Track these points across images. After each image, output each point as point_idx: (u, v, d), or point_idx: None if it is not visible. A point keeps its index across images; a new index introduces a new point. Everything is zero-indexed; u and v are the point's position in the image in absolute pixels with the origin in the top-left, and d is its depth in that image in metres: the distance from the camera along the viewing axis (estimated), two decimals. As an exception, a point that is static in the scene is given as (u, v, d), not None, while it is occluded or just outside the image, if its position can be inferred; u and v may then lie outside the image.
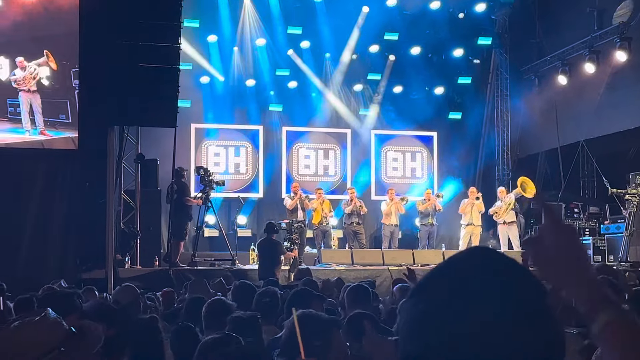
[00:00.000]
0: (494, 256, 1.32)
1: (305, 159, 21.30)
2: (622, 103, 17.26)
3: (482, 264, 1.28)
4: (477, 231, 17.94)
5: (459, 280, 1.25)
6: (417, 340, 1.23)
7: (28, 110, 14.54)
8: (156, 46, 12.68)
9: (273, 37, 20.45)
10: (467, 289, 1.23)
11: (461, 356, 1.18)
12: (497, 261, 1.31)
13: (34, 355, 2.83)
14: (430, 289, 1.28)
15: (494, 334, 1.19)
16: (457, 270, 1.28)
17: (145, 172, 16.03)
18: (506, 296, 1.22)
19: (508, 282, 1.25)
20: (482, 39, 21.70)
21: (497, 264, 1.29)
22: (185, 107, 17.19)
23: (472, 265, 1.28)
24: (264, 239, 14.14)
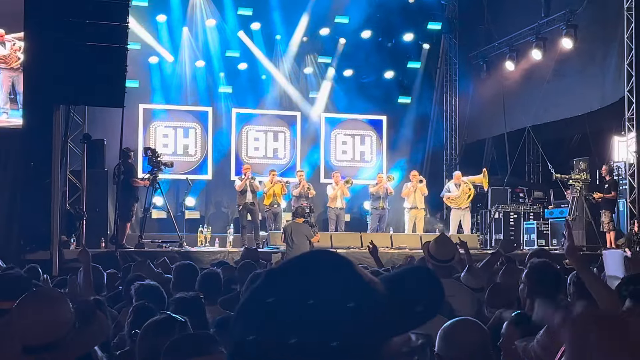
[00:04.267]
0: (329, 258, 1.28)
1: (255, 141, 21.24)
2: (568, 90, 17.53)
3: (316, 265, 1.25)
4: (421, 214, 18.09)
5: (296, 277, 1.23)
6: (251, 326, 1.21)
7: (9, 90, 14.15)
8: (104, 25, 12.49)
9: (223, 18, 20.31)
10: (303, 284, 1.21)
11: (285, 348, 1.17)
12: (329, 262, 1.26)
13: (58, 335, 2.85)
14: (277, 279, 1.26)
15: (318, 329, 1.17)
16: (297, 268, 1.26)
17: (91, 153, 15.83)
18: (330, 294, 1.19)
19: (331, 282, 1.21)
20: (432, 23, 21.84)
21: (328, 264, 1.26)
22: (133, 87, 17.00)
23: (309, 264, 1.26)
24: (294, 223, 14.22)
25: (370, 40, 21.36)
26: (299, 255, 1.29)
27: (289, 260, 1.28)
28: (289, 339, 1.16)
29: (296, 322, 1.17)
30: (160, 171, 15.47)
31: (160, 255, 11.20)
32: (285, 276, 1.24)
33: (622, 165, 16.81)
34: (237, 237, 16.82)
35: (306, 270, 1.24)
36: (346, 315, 1.17)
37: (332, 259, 1.27)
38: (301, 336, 1.16)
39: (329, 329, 1.16)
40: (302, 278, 1.22)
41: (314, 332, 1.16)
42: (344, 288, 1.20)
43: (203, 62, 20.35)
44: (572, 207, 16.43)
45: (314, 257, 1.28)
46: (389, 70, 21.81)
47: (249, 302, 1.24)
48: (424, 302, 1.25)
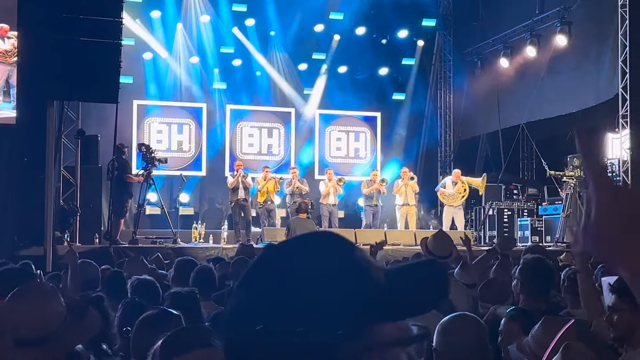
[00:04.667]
0: (328, 238, 1.28)
1: (249, 137, 21.22)
2: (562, 87, 17.55)
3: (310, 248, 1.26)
4: (413, 211, 18.08)
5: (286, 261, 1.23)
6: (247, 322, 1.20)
7: (2, 83, 14.10)
8: (97, 20, 12.46)
9: (218, 14, 20.29)
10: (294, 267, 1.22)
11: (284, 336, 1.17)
12: (329, 242, 1.27)
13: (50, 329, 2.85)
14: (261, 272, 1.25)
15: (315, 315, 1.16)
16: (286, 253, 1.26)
17: (85, 149, 15.80)
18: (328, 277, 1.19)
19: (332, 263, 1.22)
20: (426, 20, 21.83)
21: (329, 245, 1.26)
22: (127, 83, 16.96)
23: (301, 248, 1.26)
24: (298, 218, 14.22)
25: (365, 36, 21.36)
26: (301, 235, 1.30)
27: (290, 240, 1.30)
28: (276, 314, 1.17)
29: (282, 300, 1.18)
30: (155, 167, 15.43)
31: (154, 252, 11.18)
32: (280, 254, 1.25)
33: (615, 162, 16.83)
34: (231, 233, 16.80)
35: (302, 249, 1.25)
36: (332, 295, 1.18)
37: (331, 240, 1.28)
38: (285, 314, 1.17)
39: (314, 307, 1.17)
40: (296, 256, 1.23)
41: (298, 310, 1.17)
42: (336, 268, 1.21)
43: (197, 58, 20.32)
44: (566, 204, 16.46)
45: (314, 237, 1.31)
46: (383, 66, 21.81)
47: (244, 279, 1.25)
48: (423, 294, 1.25)
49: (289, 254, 1.25)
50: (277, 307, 1.18)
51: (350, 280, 1.20)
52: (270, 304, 1.19)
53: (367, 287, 1.21)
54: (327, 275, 1.20)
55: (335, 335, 1.16)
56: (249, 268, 1.26)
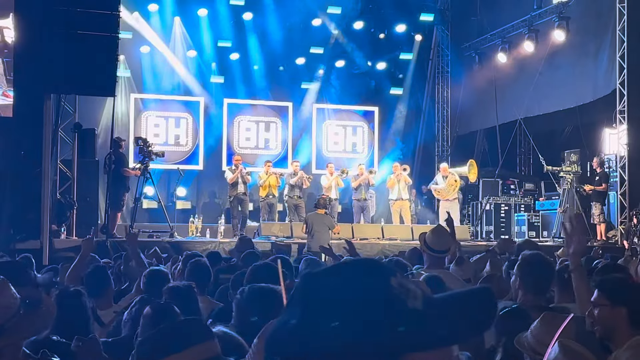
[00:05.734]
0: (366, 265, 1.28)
1: (247, 131, 21.20)
2: (560, 82, 17.55)
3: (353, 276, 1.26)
4: (406, 205, 18.02)
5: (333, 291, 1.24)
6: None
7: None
8: (95, 13, 12.42)
9: (215, 8, 20.23)
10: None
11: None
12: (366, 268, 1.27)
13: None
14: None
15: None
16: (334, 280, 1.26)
17: (82, 142, 15.74)
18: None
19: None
20: (424, 14, 21.81)
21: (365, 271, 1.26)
22: (124, 76, 16.95)
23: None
24: (316, 214, 14.32)
25: (363, 31, 21.33)
26: (343, 262, 1.31)
27: (328, 269, 1.30)
28: (308, 345, 1.19)
29: (313, 332, 1.19)
30: (152, 161, 15.41)
31: (151, 246, 11.15)
32: (315, 284, 1.26)
33: (613, 157, 16.85)
34: (228, 227, 16.78)
35: (336, 281, 1.25)
36: (360, 326, 1.18)
37: (367, 269, 1.27)
38: (317, 346, 1.18)
39: (344, 339, 1.17)
40: (333, 285, 1.24)
41: (329, 343, 1.18)
42: (366, 299, 1.21)
43: (195, 51, 20.29)
44: (563, 199, 16.47)
45: (352, 265, 1.29)
46: (381, 61, 21.79)
47: (288, 306, 1.26)
48: (464, 323, 1.24)
49: (322, 285, 1.25)
50: (309, 338, 1.19)
51: (379, 311, 1.20)
52: (302, 334, 1.20)
53: (397, 317, 1.20)
54: (356, 307, 1.20)
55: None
56: (291, 297, 1.27)
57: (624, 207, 15.90)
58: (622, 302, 3.62)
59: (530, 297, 4.50)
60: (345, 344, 1.17)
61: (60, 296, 4.50)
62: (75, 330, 4.03)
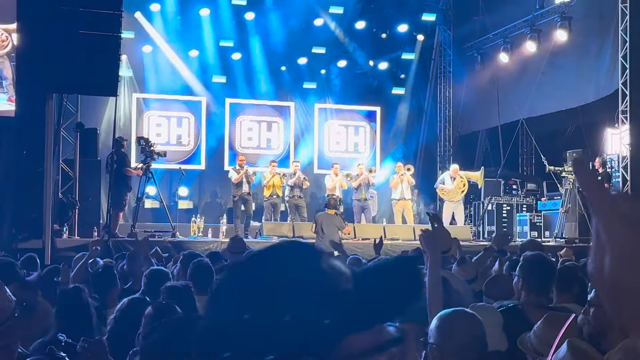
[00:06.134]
0: (298, 248, 1.27)
1: (249, 131, 21.20)
2: (562, 82, 17.52)
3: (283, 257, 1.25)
4: (409, 205, 18.01)
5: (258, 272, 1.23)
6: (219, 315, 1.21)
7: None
8: (97, 13, 12.43)
9: (217, 8, 20.23)
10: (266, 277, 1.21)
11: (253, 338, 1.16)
12: (299, 253, 1.26)
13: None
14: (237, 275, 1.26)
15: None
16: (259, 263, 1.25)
17: (84, 142, 15.75)
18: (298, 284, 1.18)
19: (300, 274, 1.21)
20: (426, 14, 21.80)
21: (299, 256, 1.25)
22: (126, 76, 16.96)
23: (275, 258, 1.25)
24: (325, 214, 14.36)
25: (365, 30, 21.32)
26: (268, 246, 1.28)
27: (257, 252, 1.27)
28: (248, 329, 1.16)
29: (255, 313, 1.16)
30: (153, 160, 15.41)
31: (153, 245, 11.17)
32: (249, 268, 1.24)
33: (615, 157, 16.83)
34: (229, 227, 16.78)
35: (270, 262, 1.24)
36: (296, 315, 1.16)
37: (296, 252, 1.26)
38: (256, 327, 1.15)
39: (278, 329, 1.15)
40: (264, 270, 1.22)
41: (268, 325, 1.15)
42: (299, 285, 1.19)
43: (197, 51, 20.28)
44: (565, 199, 16.45)
45: (281, 248, 1.27)
46: (383, 61, 21.78)
47: (216, 293, 1.24)
48: (393, 296, 1.22)
49: (252, 271, 1.23)
50: (242, 328, 1.16)
51: (315, 297, 1.17)
52: (235, 324, 1.17)
53: (333, 301, 1.18)
54: (290, 294, 1.17)
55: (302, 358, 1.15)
56: (217, 284, 1.26)
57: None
58: None
59: (532, 297, 4.50)
60: (280, 338, 1.14)
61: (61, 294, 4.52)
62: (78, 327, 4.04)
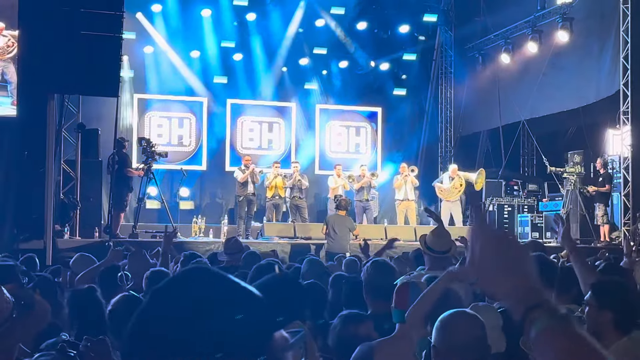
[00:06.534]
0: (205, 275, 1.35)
1: (250, 132, 21.20)
2: (564, 83, 17.52)
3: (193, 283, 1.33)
4: (412, 206, 18.01)
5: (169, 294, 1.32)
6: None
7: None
8: (98, 14, 12.43)
9: (218, 8, 20.23)
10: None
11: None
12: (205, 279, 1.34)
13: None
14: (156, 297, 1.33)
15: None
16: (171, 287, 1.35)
17: (85, 142, 15.76)
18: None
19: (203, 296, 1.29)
20: (427, 15, 21.79)
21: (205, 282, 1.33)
22: (128, 76, 16.98)
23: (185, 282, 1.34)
24: (336, 215, 14.41)
25: (366, 31, 21.32)
26: (179, 273, 1.37)
27: (173, 279, 1.37)
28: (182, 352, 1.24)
29: (187, 336, 1.24)
30: (155, 161, 15.41)
31: (154, 246, 11.17)
32: (172, 296, 1.31)
33: (616, 158, 16.83)
34: (231, 227, 16.78)
35: (190, 287, 1.31)
36: (238, 321, 1.26)
37: (209, 275, 1.35)
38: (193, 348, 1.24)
39: (222, 335, 1.25)
40: (187, 296, 1.29)
41: (205, 343, 1.24)
42: (229, 297, 1.29)
43: (198, 52, 20.28)
44: (567, 200, 16.45)
45: (193, 275, 1.35)
46: (384, 62, 21.78)
47: (138, 323, 1.31)
48: (285, 310, 1.37)
49: (179, 299, 1.30)
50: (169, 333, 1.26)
51: (245, 305, 1.29)
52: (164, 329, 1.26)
53: (258, 307, 1.31)
54: (224, 307, 1.28)
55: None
56: (140, 315, 1.32)
57: (628, 208, 15.88)
58: (609, 306, 3.71)
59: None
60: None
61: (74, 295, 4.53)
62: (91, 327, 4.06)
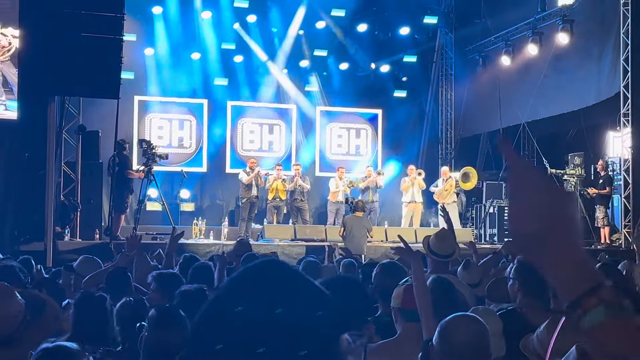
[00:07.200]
0: (279, 268, 1.33)
1: (250, 133, 21.19)
2: (564, 85, 17.51)
3: (264, 275, 1.31)
4: (419, 208, 18.07)
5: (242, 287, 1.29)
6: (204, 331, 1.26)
7: (1, 81, 14.11)
8: (99, 16, 12.44)
9: (219, 10, 20.24)
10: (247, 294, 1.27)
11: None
12: (279, 272, 1.32)
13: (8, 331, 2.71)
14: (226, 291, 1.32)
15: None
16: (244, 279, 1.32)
17: (86, 144, 15.77)
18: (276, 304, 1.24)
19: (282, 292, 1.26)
20: (428, 17, 21.78)
21: (278, 275, 1.31)
22: (128, 78, 16.97)
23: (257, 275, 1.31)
24: (354, 216, 14.46)
25: (366, 33, 21.33)
26: (255, 264, 1.34)
27: (246, 272, 1.33)
28: (239, 322, 1.22)
29: (247, 307, 1.22)
30: (155, 163, 15.42)
31: (155, 247, 11.17)
32: (246, 290, 1.28)
33: (617, 160, 16.84)
34: (231, 229, 16.78)
35: (268, 280, 1.29)
36: (292, 306, 1.23)
37: (286, 269, 1.33)
38: (248, 320, 1.21)
39: (275, 317, 1.21)
40: (262, 292, 1.26)
41: (260, 319, 1.21)
42: (304, 295, 1.27)
43: (198, 54, 20.28)
44: (567, 202, 16.41)
45: (266, 269, 1.32)
46: (384, 63, 21.78)
47: (217, 292, 1.31)
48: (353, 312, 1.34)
49: (250, 276, 1.30)
50: (234, 321, 1.22)
51: (305, 298, 1.26)
52: (227, 317, 1.23)
53: (322, 302, 1.28)
54: (282, 293, 1.25)
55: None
56: (220, 285, 1.31)
57: (628, 210, 15.88)
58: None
59: (530, 300, 4.46)
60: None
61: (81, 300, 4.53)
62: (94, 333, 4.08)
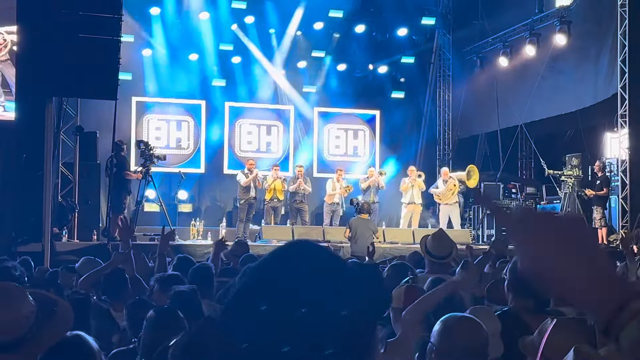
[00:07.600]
0: (312, 248, 1.33)
1: (248, 134, 21.19)
2: (561, 86, 17.53)
3: (298, 257, 1.30)
4: (419, 209, 18.06)
5: (275, 268, 1.28)
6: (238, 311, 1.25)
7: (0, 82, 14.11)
8: (97, 17, 12.43)
9: (217, 11, 20.23)
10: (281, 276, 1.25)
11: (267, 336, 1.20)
12: (313, 252, 1.31)
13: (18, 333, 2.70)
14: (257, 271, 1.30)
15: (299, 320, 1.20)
16: (277, 260, 1.31)
17: (84, 145, 15.78)
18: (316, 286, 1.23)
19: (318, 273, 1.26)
20: (425, 18, 21.79)
21: (313, 255, 1.30)
22: (126, 79, 16.97)
23: (290, 257, 1.31)
24: (359, 218, 14.49)
25: (364, 34, 21.34)
26: (283, 247, 1.33)
27: (276, 254, 1.31)
28: (264, 320, 1.20)
29: (272, 305, 1.20)
30: (153, 164, 15.42)
31: (153, 248, 11.16)
32: (276, 272, 1.26)
33: (614, 161, 16.85)
34: (229, 230, 16.78)
35: (297, 264, 1.27)
36: (318, 302, 1.21)
37: (312, 248, 1.32)
38: (273, 319, 1.20)
39: (300, 314, 1.19)
40: (293, 273, 1.24)
41: (285, 316, 1.19)
42: (319, 276, 1.24)
43: (196, 55, 20.28)
44: (564, 203, 16.46)
45: (299, 250, 1.32)
46: (382, 65, 21.79)
47: (237, 288, 1.29)
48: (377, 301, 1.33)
49: (271, 267, 1.29)
50: (259, 319, 1.20)
51: (333, 290, 1.23)
52: (252, 316, 1.21)
53: (352, 295, 1.25)
54: (307, 288, 1.23)
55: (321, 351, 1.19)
56: (239, 281, 1.28)
57: (626, 211, 15.89)
58: None
59: (519, 300, 4.43)
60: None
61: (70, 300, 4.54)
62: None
